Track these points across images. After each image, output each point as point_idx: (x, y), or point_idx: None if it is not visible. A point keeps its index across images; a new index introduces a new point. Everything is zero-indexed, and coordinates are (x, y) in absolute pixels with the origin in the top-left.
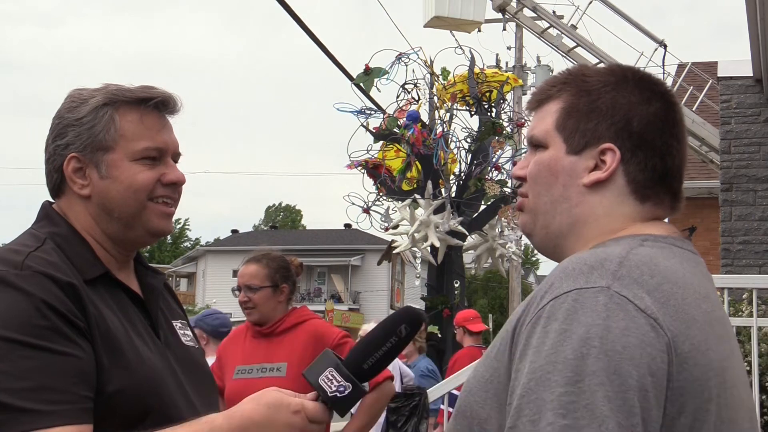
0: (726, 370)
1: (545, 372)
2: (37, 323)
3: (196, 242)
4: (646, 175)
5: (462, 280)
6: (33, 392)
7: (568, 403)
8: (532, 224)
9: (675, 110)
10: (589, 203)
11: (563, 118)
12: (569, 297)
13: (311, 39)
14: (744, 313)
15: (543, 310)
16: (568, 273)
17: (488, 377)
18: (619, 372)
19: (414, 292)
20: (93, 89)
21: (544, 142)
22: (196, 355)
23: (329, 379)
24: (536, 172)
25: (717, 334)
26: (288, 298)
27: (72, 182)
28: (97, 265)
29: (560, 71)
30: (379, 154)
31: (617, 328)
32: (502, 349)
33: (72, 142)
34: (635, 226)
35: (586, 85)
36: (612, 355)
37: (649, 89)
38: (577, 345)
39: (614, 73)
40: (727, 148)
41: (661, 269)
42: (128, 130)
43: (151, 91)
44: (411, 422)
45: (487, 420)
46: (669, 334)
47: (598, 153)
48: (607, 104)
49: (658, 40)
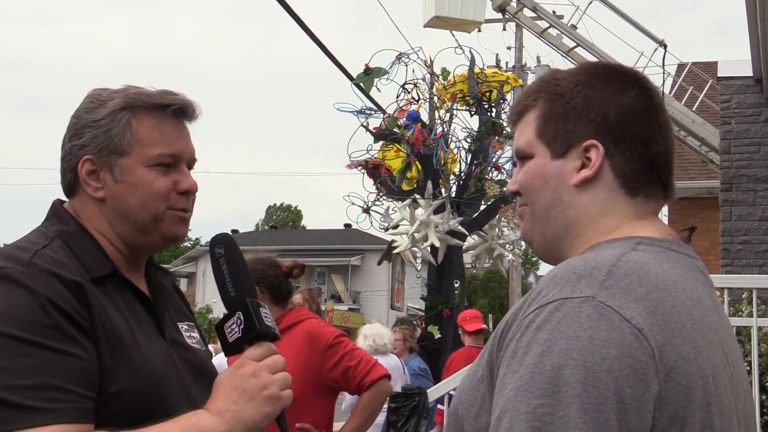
0: (717, 377)
1: (524, 383)
2: (41, 321)
3: (196, 242)
4: (632, 165)
5: (462, 280)
6: (33, 390)
7: (544, 415)
8: (531, 232)
9: (651, 95)
10: (581, 203)
11: (542, 125)
12: (554, 306)
13: (311, 39)
14: (744, 313)
15: (528, 318)
16: (556, 281)
17: (480, 377)
18: (596, 384)
19: (414, 292)
20: (113, 90)
21: (529, 152)
22: (201, 356)
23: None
24: (527, 181)
25: (708, 341)
26: (276, 299)
27: (86, 184)
28: (106, 263)
29: (533, 80)
30: (379, 154)
31: (599, 339)
32: (491, 351)
33: (88, 144)
34: (630, 225)
35: (558, 89)
36: (591, 367)
37: (621, 80)
38: (556, 356)
39: (585, 72)
40: (727, 148)
41: (651, 277)
42: (144, 135)
43: (170, 98)
44: (411, 422)
45: (476, 418)
46: (654, 344)
47: (583, 151)
48: (581, 103)
49: (658, 40)
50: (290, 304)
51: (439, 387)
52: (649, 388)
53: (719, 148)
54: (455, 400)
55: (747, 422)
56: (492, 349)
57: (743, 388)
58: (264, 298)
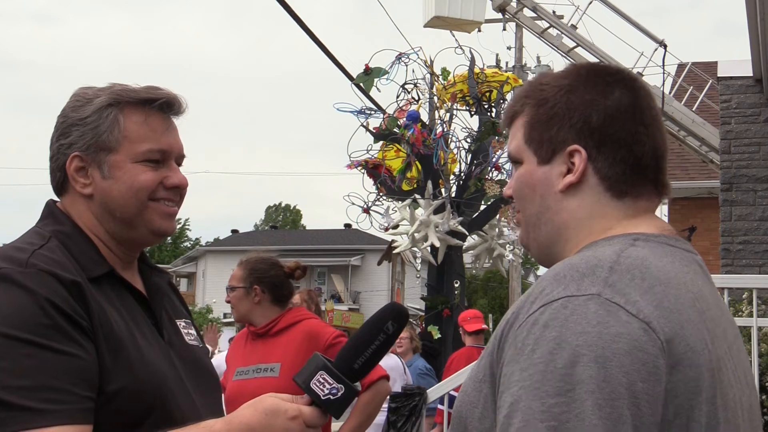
0: (722, 370)
1: (535, 381)
2: (40, 322)
3: (196, 242)
4: (616, 168)
5: (462, 280)
6: (32, 391)
7: (560, 413)
8: (526, 238)
9: (636, 95)
10: (568, 209)
11: (529, 131)
12: (560, 304)
13: (311, 39)
14: (744, 313)
15: (533, 316)
16: (560, 279)
17: (481, 377)
18: (609, 380)
19: (414, 292)
20: (98, 89)
21: (519, 158)
22: (199, 354)
23: (321, 383)
24: (517, 188)
25: (712, 333)
26: (276, 299)
27: (74, 181)
28: (102, 263)
29: (523, 85)
30: (379, 154)
31: (608, 335)
32: (492, 351)
33: (75, 142)
34: (622, 225)
35: (542, 94)
36: (602, 362)
37: (604, 82)
38: (567, 354)
39: (569, 75)
40: (727, 148)
41: (652, 271)
42: (132, 131)
43: (155, 92)
44: (411, 422)
45: (481, 420)
46: (662, 336)
47: (567, 157)
48: (563, 108)
49: (658, 40)
50: (290, 304)
51: (439, 387)
52: (660, 381)
53: (719, 148)
54: (458, 402)
55: (751, 415)
56: (493, 350)
57: (747, 380)
58: (265, 298)
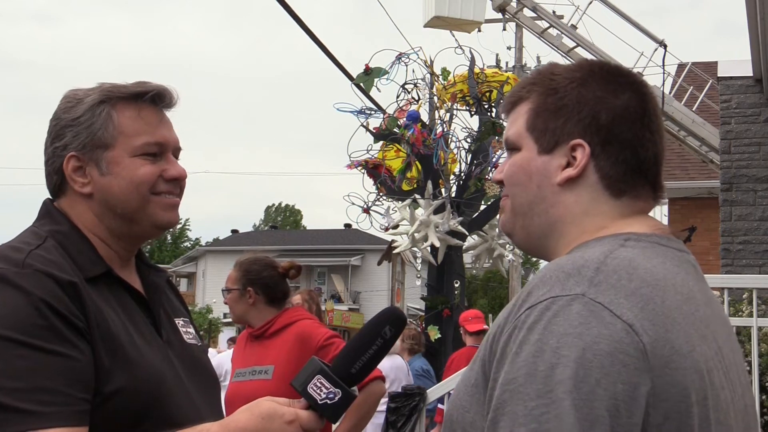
0: (712, 371)
1: (519, 384)
2: (35, 323)
3: (196, 242)
4: (618, 169)
5: (462, 280)
6: (27, 392)
7: (540, 415)
8: (511, 224)
9: (646, 101)
10: (565, 202)
11: (533, 118)
12: (544, 306)
13: (311, 39)
14: (744, 313)
15: (520, 318)
16: (545, 280)
17: (473, 382)
18: (587, 380)
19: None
20: (88, 89)
21: (517, 144)
22: (198, 352)
23: (318, 387)
24: (511, 173)
25: (700, 334)
26: (270, 301)
27: (72, 181)
28: (99, 263)
29: (531, 72)
30: (379, 154)
31: (589, 335)
32: (483, 355)
33: (70, 143)
34: (616, 224)
35: (553, 84)
36: (581, 363)
37: (616, 82)
38: (548, 356)
39: (581, 69)
40: (727, 148)
41: (640, 272)
42: (127, 126)
43: (145, 86)
44: (411, 422)
45: (472, 424)
46: (645, 339)
47: (569, 150)
48: (574, 101)
49: (658, 40)
50: (288, 304)
51: (439, 387)
52: (641, 384)
53: (719, 148)
54: (450, 406)
55: (745, 416)
56: (485, 354)
57: (741, 381)
58: (259, 300)
